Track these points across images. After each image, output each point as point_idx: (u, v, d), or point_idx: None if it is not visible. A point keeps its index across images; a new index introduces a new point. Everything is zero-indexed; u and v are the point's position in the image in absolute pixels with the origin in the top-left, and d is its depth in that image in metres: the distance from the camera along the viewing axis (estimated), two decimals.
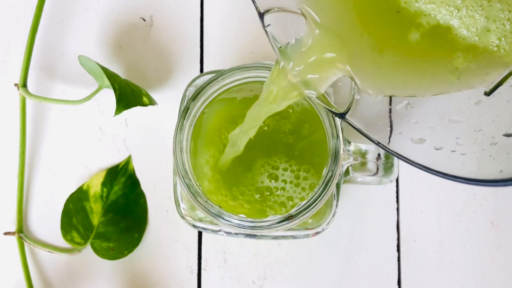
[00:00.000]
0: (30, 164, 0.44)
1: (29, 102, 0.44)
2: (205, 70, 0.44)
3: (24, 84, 0.42)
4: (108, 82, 0.39)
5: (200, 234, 0.43)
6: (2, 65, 0.45)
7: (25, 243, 0.42)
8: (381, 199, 0.43)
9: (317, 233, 0.36)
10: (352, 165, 0.35)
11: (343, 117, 0.27)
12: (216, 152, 0.38)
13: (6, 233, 0.42)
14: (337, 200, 0.36)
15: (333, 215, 0.36)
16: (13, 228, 0.43)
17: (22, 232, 0.42)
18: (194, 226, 0.36)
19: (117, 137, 0.44)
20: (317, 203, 0.33)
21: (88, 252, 0.42)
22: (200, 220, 0.36)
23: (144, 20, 0.44)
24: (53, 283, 0.43)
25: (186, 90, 0.36)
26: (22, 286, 0.42)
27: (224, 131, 0.38)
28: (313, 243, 0.42)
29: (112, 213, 0.42)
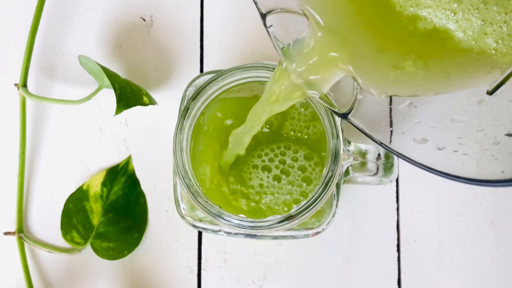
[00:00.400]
0: (30, 164, 0.44)
1: (29, 102, 0.44)
2: (205, 70, 0.44)
3: (24, 84, 0.42)
4: (108, 82, 0.39)
5: (200, 234, 0.43)
6: (2, 65, 0.44)
7: (25, 243, 0.42)
8: (381, 199, 0.43)
9: (317, 233, 0.36)
10: (352, 165, 0.35)
11: (346, 117, 0.27)
12: (216, 152, 0.38)
13: (6, 233, 0.42)
14: (337, 200, 0.36)
15: (333, 215, 0.36)
16: (13, 228, 0.43)
17: (22, 232, 0.42)
18: (194, 226, 0.36)
19: (117, 137, 0.44)
20: (317, 203, 0.33)
21: (88, 252, 0.42)
22: (200, 220, 0.36)
23: (144, 20, 0.44)
24: (53, 283, 0.43)
25: (186, 90, 0.36)
26: (22, 286, 0.42)
27: (224, 131, 0.38)
28: (313, 243, 0.42)
29: (112, 213, 0.42)
